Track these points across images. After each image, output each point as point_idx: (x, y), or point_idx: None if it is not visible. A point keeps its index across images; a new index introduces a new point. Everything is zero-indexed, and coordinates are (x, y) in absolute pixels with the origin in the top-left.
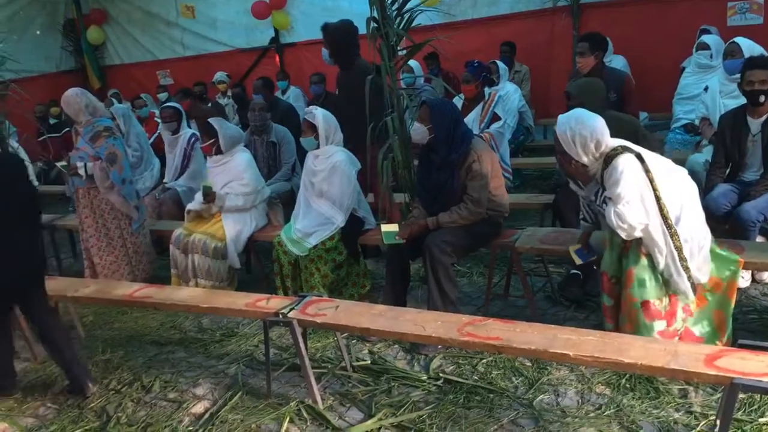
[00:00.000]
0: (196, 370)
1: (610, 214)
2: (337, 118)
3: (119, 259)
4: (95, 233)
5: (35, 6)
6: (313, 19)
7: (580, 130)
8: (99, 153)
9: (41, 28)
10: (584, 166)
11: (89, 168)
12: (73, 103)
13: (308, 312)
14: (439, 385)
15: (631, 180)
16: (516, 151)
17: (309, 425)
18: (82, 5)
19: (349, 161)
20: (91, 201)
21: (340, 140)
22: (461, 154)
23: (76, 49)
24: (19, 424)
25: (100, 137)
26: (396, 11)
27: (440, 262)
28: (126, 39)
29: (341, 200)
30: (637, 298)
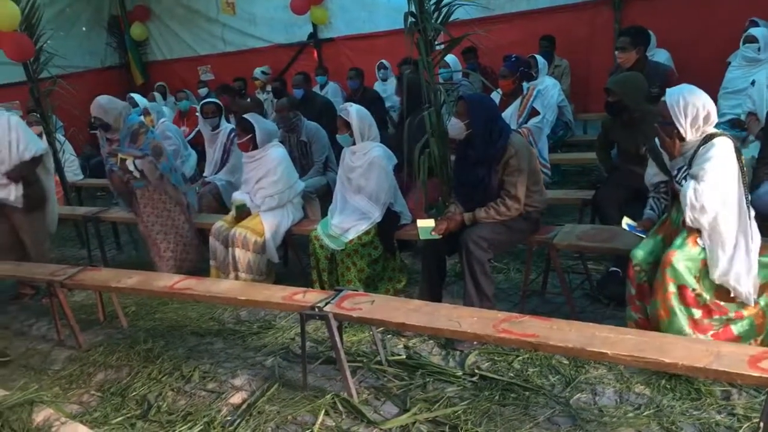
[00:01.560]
0: (234, 361)
1: (688, 189)
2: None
3: (179, 249)
4: (161, 228)
5: (81, 3)
6: (351, 14)
7: (693, 100)
8: (144, 150)
9: (87, 25)
10: (682, 140)
11: (139, 165)
12: (113, 109)
13: (344, 306)
14: (474, 382)
15: (722, 163)
16: (555, 147)
17: (344, 418)
18: (126, 2)
19: (386, 156)
20: (150, 198)
21: (377, 136)
22: (499, 150)
23: (120, 46)
24: (64, 411)
25: (140, 135)
26: (434, 6)
27: (476, 257)
28: (168, 35)
29: (378, 195)
30: (673, 279)
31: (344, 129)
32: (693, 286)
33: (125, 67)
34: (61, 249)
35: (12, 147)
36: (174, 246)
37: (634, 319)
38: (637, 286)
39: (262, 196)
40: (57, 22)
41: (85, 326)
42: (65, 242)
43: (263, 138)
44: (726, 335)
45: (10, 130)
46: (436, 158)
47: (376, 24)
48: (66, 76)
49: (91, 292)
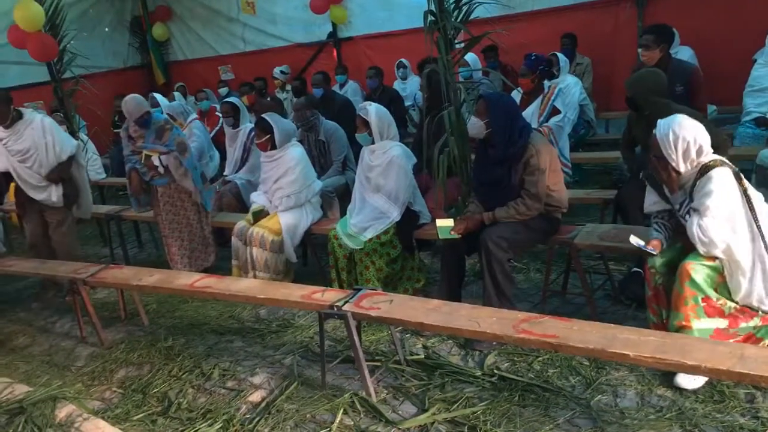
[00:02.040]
0: (253, 359)
1: (693, 226)
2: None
3: (198, 247)
4: (177, 227)
5: (104, 4)
6: (370, 13)
7: (684, 134)
8: (170, 146)
9: (110, 26)
10: (678, 173)
11: (164, 160)
12: (145, 104)
13: (363, 305)
14: (493, 382)
15: (723, 194)
16: (576, 146)
17: (363, 417)
18: (148, 3)
19: (405, 155)
20: (171, 196)
21: (396, 135)
22: (519, 149)
23: (142, 46)
24: (87, 407)
25: (165, 131)
26: (454, 4)
27: (496, 257)
28: (189, 35)
29: (397, 194)
30: (695, 292)
31: (363, 128)
32: (715, 296)
33: (147, 67)
34: (84, 247)
35: (48, 149)
36: (188, 245)
37: (652, 321)
38: (653, 288)
39: (280, 196)
40: (80, 23)
41: (107, 324)
42: (88, 240)
43: (282, 138)
44: (749, 339)
45: (45, 133)
46: (456, 157)
47: (396, 23)
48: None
49: (113, 290)
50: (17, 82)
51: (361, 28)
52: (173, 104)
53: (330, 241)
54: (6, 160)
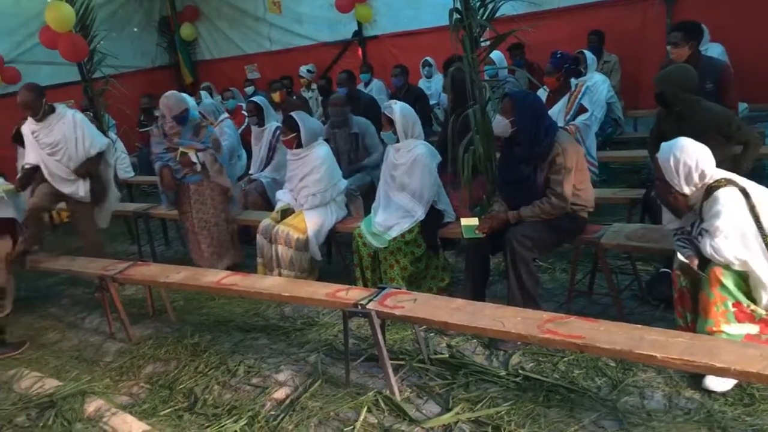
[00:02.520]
0: (278, 356)
1: (706, 247)
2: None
3: (225, 244)
4: (206, 225)
5: (133, 4)
6: (396, 12)
7: (685, 159)
8: (206, 143)
9: (138, 26)
10: (684, 196)
11: (201, 157)
12: (182, 103)
13: (387, 304)
14: (517, 382)
15: (731, 214)
16: (603, 144)
17: (386, 416)
18: (176, 3)
19: (429, 154)
20: (202, 194)
21: (420, 133)
22: (545, 148)
23: (170, 46)
24: (114, 402)
25: (201, 128)
26: (479, 1)
27: (521, 256)
28: (216, 35)
29: (421, 193)
30: (726, 297)
31: (388, 126)
32: (746, 302)
33: (175, 66)
34: (112, 244)
35: (78, 144)
36: (216, 242)
37: (678, 324)
38: (678, 291)
39: (305, 195)
40: (110, 23)
41: (135, 320)
42: (116, 238)
43: (308, 136)
44: None
45: (75, 128)
46: (481, 156)
47: (421, 21)
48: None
49: (141, 287)
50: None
51: (387, 27)
52: (206, 103)
53: (354, 239)
54: (37, 154)
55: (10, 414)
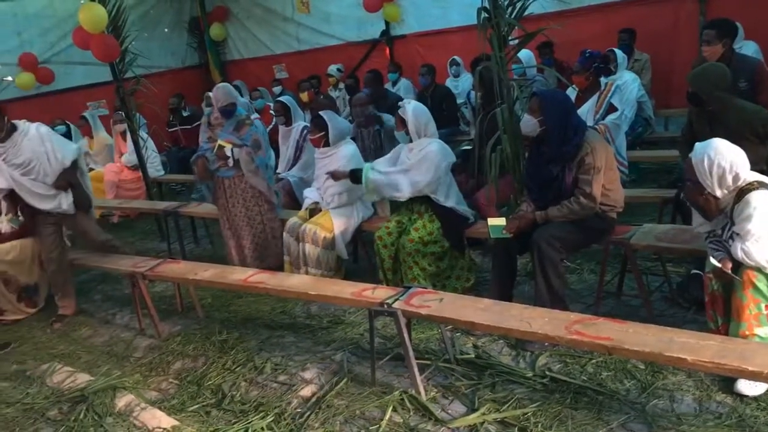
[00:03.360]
0: (304, 354)
1: (737, 250)
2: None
3: (260, 244)
4: (240, 222)
5: (164, 5)
6: (423, 11)
7: (719, 160)
8: (245, 140)
9: (169, 26)
10: (716, 198)
11: (236, 153)
12: (230, 96)
13: (413, 303)
14: (544, 384)
15: (763, 217)
16: (633, 144)
17: (412, 415)
18: (206, 3)
19: (441, 152)
20: (236, 190)
21: (434, 132)
22: (574, 147)
23: (200, 46)
24: (144, 396)
25: (244, 126)
26: (508, 0)
27: (548, 257)
28: (245, 35)
29: (417, 180)
30: (759, 300)
31: (401, 126)
32: None
33: (204, 66)
34: (142, 242)
35: (50, 157)
36: (253, 241)
37: (709, 327)
38: (710, 293)
39: (332, 193)
40: (141, 24)
41: (164, 316)
42: (147, 235)
43: (336, 135)
44: None
45: (43, 141)
46: (508, 155)
47: (449, 20)
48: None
49: (170, 284)
50: (82, 81)
51: (414, 26)
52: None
53: (375, 242)
54: (6, 177)
55: (43, 407)
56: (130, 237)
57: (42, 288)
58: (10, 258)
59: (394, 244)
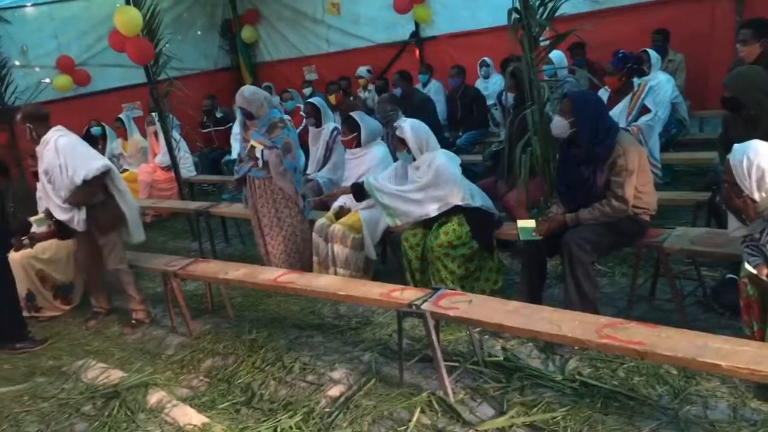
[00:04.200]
0: (332, 354)
1: None
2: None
3: (289, 247)
4: (269, 222)
5: (197, 8)
6: (453, 12)
7: (758, 161)
8: (275, 143)
9: (202, 29)
10: (754, 201)
11: (265, 154)
12: (255, 100)
13: (441, 305)
14: (574, 388)
15: None
16: (667, 145)
17: (440, 417)
18: (237, 6)
19: (449, 160)
20: (266, 191)
21: (435, 145)
22: (606, 149)
23: (231, 48)
24: (175, 394)
25: (276, 128)
26: (539, 0)
27: (579, 259)
28: (276, 37)
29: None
30: None
31: (402, 146)
32: None
33: (236, 68)
34: (174, 241)
35: (63, 172)
36: (282, 242)
37: (744, 332)
38: (745, 299)
39: None
40: (175, 27)
41: (195, 315)
42: (179, 235)
43: (367, 136)
44: None
45: (57, 155)
46: (539, 157)
47: (479, 21)
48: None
49: (201, 283)
50: (117, 84)
51: (444, 27)
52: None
53: (401, 243)
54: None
55: (77, 403)
56: (162, 236)
57: (77, 286)
58: (47, 257)
59: (420, 244)
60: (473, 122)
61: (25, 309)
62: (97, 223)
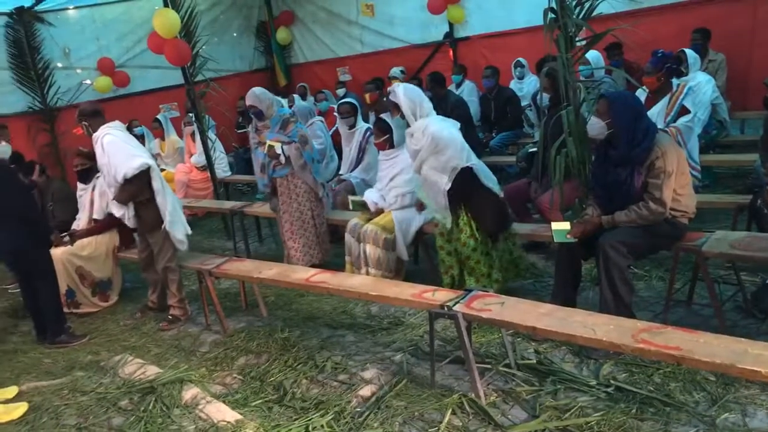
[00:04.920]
0: (364, 354)
1: None
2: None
3: (310, 241)
4: (289, 218)
5: (234, 11)
6: (488, 13)
7: None
8: (292, 137)
9: (238, 31)
10: None
11: (286, 150)
12: (265, 99)
13: (473, 306)
14: (609, 392)
15: None
16: (707, 147)
17: (471, 419)
18: (273, 8)
19: (443, 125)
20: (288, 188)
21: (429, 110)
22: (643, 150)
23: (266, 49)
24: (209, 390)
25: (289, 123)
26: (576, 0)
27: (615, 262)
28: (310, 38)
29: (445, 166)
30: None
31: (396, 111)
32: None
33: (270, 69)
34: (209, 240)
35: (108, 170)
36: (301, 238)
37: None
38: None
39: (395, 195)
40: (211, 29)
41: (229, 313)
42: (213, 234)
43: (400, 138)
44: None
45: (104, 154)
46: (574, 158)
47: (514, 21)
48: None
49: (235, 281)
50: (155, 85)
51: (478, 28)
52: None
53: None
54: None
55: (115, 397)
56: (197, 235)
57: (115, 283)
58: (86, 254)
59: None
60: (507, 123)
61: (65, 305)
62: (142, 221)
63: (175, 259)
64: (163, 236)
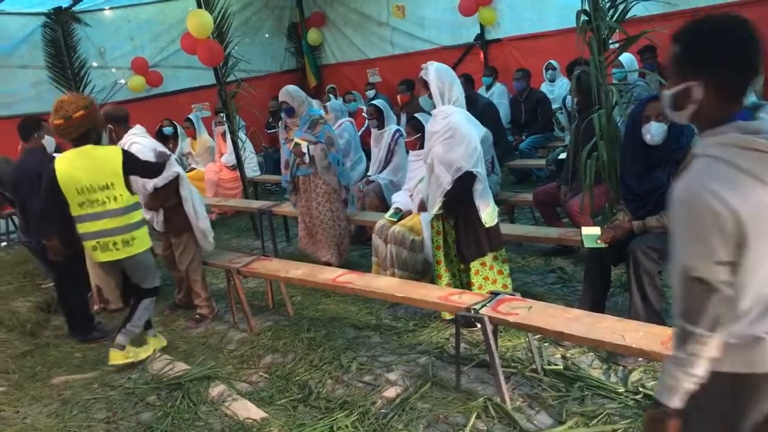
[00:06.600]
0: (389, 356)
1: None
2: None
3: (328, 240)
4: (305, 217)
5: (265, 12)
6: (519, 14)
7: None
8: (319, 138)
9: (269, 32)
10: None
11: (311, 149)
12: (298, 96)
13: (500, 310)
14: (637, 400)
15: None
16: None
17: (496, 423)
18: (304, 9)
19: (466, 121)
20: (308, 187)
21: (459, 98)
22: (681, 147)
23: (297, 50)
24: (236, 388)
25: (318, 124)
26: (609, 2)
27: (645, 268)
28: (341, 39)
29: (451, 162)
30: None
31: (424, 90)
32: None
33: (301, 70)
34: (237, 239)
35: (137, 179)
36: (324, 235)
37: None
38: None
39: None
40: (243, 30)
41: (256, 311)
42: (242, 233)
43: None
44: None
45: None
46: (605, 162)
47: (545, 24)
48: (249, 79)
49: (262, 280)
50: (188, 85)
51: (510, 30)
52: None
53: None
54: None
55: (143, 392)
56: (225, 234)
57: None
58: None
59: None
60: (537, 126)
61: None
62: (170, 225)
63: (198, 260)
64: (187, 238)
